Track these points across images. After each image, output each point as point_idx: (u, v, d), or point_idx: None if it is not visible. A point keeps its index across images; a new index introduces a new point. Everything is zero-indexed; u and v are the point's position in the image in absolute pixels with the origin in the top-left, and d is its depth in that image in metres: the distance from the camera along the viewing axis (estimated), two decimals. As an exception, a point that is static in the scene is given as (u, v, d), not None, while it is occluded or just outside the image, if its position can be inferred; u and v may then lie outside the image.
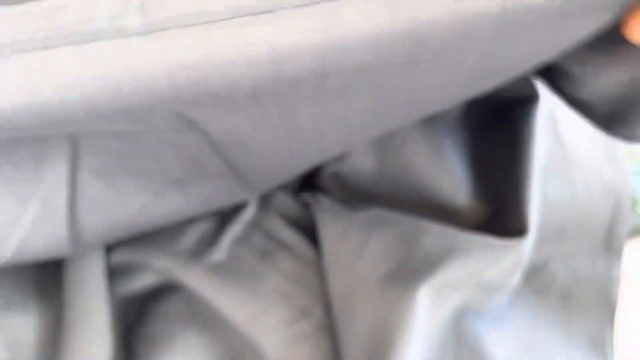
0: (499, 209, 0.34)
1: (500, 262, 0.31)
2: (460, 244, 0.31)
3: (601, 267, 0.35)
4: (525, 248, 0.32)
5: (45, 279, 0.32)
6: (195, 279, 0.32)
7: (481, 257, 0.31)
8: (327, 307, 0.31)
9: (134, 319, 0.32)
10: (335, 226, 0.32)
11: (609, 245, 0.36)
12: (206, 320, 0.31)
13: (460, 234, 0.31)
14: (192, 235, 0.34)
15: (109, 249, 0.32)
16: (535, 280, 0.35)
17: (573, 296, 0.35)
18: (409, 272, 0.30)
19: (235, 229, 0.34)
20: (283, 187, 0.35)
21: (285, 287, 0.32)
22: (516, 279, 0.33)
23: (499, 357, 0.31)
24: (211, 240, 0.34)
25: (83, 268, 0.31)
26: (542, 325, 0.34)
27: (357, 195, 0.34)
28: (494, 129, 0.37)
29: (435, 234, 0.31)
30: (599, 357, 0.33)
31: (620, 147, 0.38)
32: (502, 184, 0.35)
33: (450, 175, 0.35)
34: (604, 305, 0.34)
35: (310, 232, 0.33)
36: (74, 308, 0.30)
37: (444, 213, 0.34)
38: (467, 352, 0.30)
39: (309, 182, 0.36)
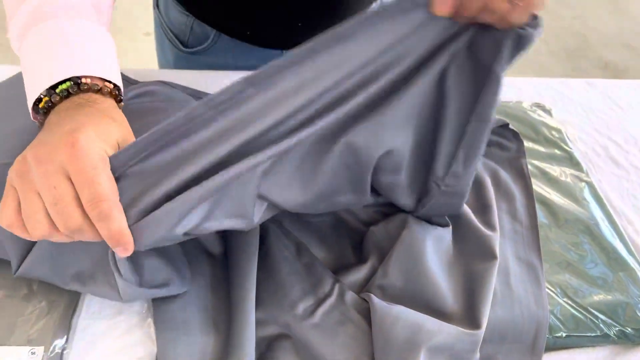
0: (467, 316, 0.61)
1: (466, 341, 0.58)
2: (448, 329, 0.58)
3: None
4: (479, 337, 0.58)
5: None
6: (304, 332, 0.58)
7: (457, 338, 0.58)
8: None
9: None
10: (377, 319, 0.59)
11: (534, 351, 0.61)
12: (308, 358, 0.57)
13: (449, 326, 0.58)
14: (301, 307, 0.61)
15: None
16: None
17: None
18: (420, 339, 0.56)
19: (324, 307, 0.61)
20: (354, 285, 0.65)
21: (350, 344, 0.58)
22: (476, 358, 0.58)
23: None
24: (312, 311, 0.60)
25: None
26: None
27: (392, 300, 0.61)
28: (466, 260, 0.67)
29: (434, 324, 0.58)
30: None
31: (544, 292, 0.66)
32: (471, 302, 0.62)
33: (442, 296, 0.62)
34: None
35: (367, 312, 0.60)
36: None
37: (437, 315, 0.60)
38: None
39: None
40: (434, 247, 0.65)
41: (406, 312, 0.59)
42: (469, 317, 0.60)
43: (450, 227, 0.69)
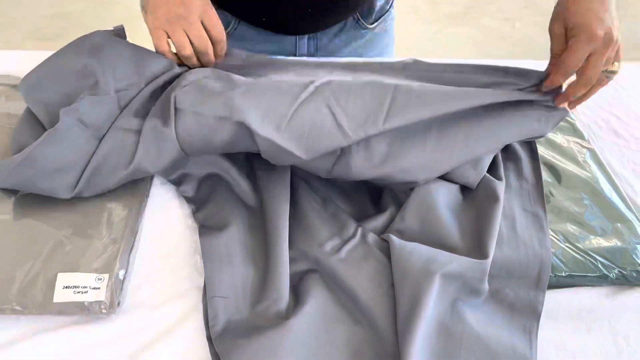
0: (475, 249, 0.69)
1: (476, 270, 0.65)
2: (459, 259, 0.65)
3: (532, 295, 0.67)
4: (487, 266, 0.66)
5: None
6: (331, 266, 0.67)
7: (467, 267, 0.65)
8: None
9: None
10: (396, 253, 0.67)
11: (538, 285, 0.68)
12: (335, 288, 0.66)
13: (459, 257, 0.66)
14: (329, 245, 0.69)
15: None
16: (496, 296, 0.67)
17: (516, 307, 0.66)
18: (434, 268, 0.64)
19: (349, 246, 0.69)
20: (374, 230, 0.72)
21: (373, 275, 0.66)
22: (485, 287, 0.66)
23: (473, 323, 0.63)
24: (338, 249, 0.69)
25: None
26: (498, 318, 0.65)
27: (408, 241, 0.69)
28: (478, 207, 0.75)
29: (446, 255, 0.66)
30: (527, 339, 0.64)
31: (547, 237, 0.73)
32: (478, 237, 0.70)
33: (454, 236, 0.71)
34: (532, 313, 0.66)
35: (387, 250, 0.68)
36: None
37: (450, 249, 0.68)
38: (455, 317, 0.63)
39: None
40: (444, 197, 0.73)
41: (421, 247, 0.67)
42: (477, 249, 0.68)
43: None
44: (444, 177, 0.76)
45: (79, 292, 0.60)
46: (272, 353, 0.57)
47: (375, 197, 0.79)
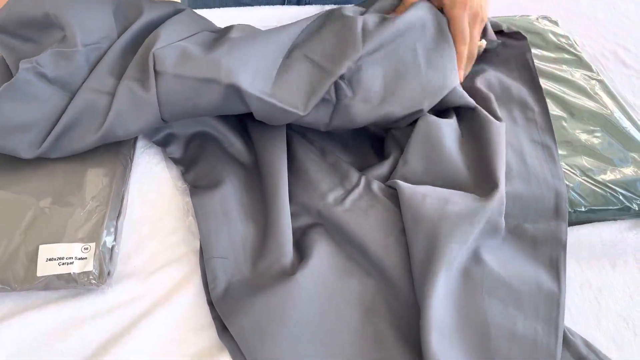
0: (486, 182, 0.64)
1: (493, 201, 0.60)
2: (473, 198, 0.61)
3: (553, 225, 0.63)
4: (502, 196, 0.61)
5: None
6: (336, 217, 0.62)
7: (482, 205, 0.60)
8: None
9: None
10: (406, 199, 0.61)
11: (557, 215, 0.63)
12: (341, 240, 0.61)
13: (473, 196, 0.61)
14: (331, 197, 0.64)
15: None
16: (516, 231, 0.63)
17: (538, 239, 0.62)
18: (449, 209, 0.59)
19: (353, 196, 0.64)
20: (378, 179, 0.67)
21: (381, 222, 0.61)
22: (503, 222, 0.61)
23: (494, 265, 0.58)
24: (342, 199, 0.64)
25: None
26: (520, 256, 0.60)
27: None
28: (478, 139, 0.69)
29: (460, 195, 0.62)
30: (554, 272, 0.59)
31: (559, 166, 0.69)
32: (486, 169, 0.65)
33: (461, 170, 0.66)
34: (556, 243, 0.61)
35: (394, 197, 0.64)
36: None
37: (460, 186, 0.64)
38: (474, 260, 0.58)
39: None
40: (446, 133, 0.68)
41: (432, 189, 0.62)
42: (487, 182, 0.63)
43: (454, 115, 0.73)
44: (446, 106, 0.72)
45: (64, 264, 0.55)
46: (279, 311, 0.52)
47: (377, 146, 0.74)
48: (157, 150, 0.72)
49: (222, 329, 0.54)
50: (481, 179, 0.64)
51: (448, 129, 0.69)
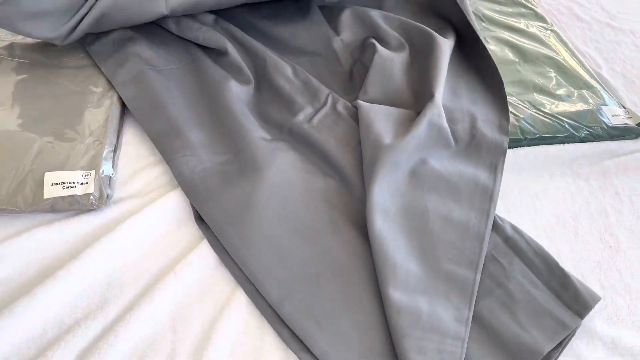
0: (425, 97, 0.73)
1: (428, 108, 0.70)
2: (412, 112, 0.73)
3: (497, 137, 0.71)
4: (436, 101, 0.71)
5: None
6: (305, 132, 0.70)
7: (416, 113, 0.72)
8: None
9: None
10: (363, 113, 0.70)
11: (500, 130, 0.72)
12: (306, 150, 0.70)
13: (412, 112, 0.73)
14: (302, 115, 0.73)
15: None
16: (461, 136, 0.72)
17: (482, 146, 0.71)
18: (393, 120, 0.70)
19: (320, 115, 0.73)
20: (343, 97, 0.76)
21: (343, 136, 0.70)
22: (445, 124, 0.70)
23: (439, 168, 0.68)
24: (310, 118, 0.73)
25: None
26: (463, 160, 0.70)
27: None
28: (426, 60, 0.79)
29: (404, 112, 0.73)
30: (492, 172, 0.68)
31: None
32: (427, 85, 0.74)
33: (407, 94, 0.77)
34: (498, 150, 0.70)
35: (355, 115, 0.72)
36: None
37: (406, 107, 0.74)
38: (423, 165, 0.68)
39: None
40: (398, 63, 0.79)
41: (384, 108, 0.72)
42: (426, 97, 0.73)
43: (407, 47, 0.82)
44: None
45: (67, 187, 0.62)
46: (246, 199, 0.62)
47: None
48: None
49: (200, 219, 0.63)
50: (421, 96, 0.74)
51: (399, 60, 0.79)
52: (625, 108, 0.79)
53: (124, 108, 0.75)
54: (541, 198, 0.69)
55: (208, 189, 0.64)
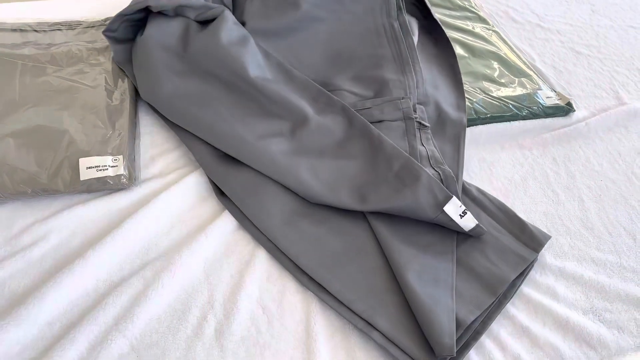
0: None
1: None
2: None
3: (457, 115, 0.87)
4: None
5: None
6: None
7: None
8: None
9: None
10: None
11: (459, 108, 0.88)
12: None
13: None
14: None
15: None
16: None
17: (447, 123, 0.86)
18: None
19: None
20: None
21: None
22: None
23: None
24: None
25: None
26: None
27: None
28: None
29: None
30: (455, 144, 0.83)
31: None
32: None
33: None
34: (460, 125, 0.86)
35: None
36: None
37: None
38: None
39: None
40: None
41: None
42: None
43: None
44: None
45: (100, 170, 0.72)
46: (262, 177, 0.74)
47: None
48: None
49: (221, 193, 0.74)
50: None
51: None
52: (556, 92, 0.96)
53: (136, 102, 0.85)
54: (496, 166, 0.84)
55: (226, 170, 0.75)
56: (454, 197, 0.70)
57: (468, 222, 0.70)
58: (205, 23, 0.88)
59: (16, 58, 0.85)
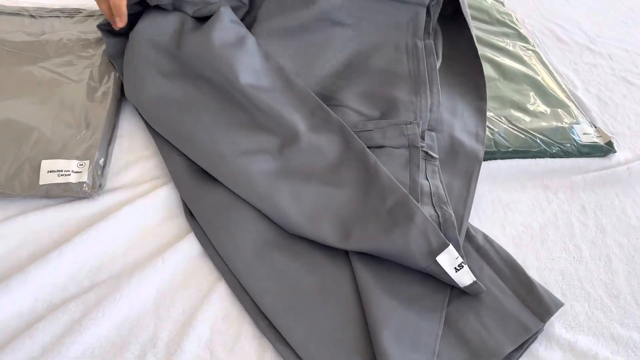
0: None
1: None
2: None
3: (475, 145, 0.76)
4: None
5: None
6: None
7: None
8: None
9: None
10: None
11: (477, 139, 0.77)
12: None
13: None
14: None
15: None
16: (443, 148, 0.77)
17: (459, 155, 0.75)
18: None
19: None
20: None
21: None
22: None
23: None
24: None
25: None
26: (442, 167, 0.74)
27: None
28: None
29: None
30: (467, 180, 0.72)
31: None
32: None
33: None
34: (475, 159, 0.75)
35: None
36: None
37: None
38: None
39: None
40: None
41: None
42: None
43: None
44: None
45: (62, 175, 0.66)
46: (234, 200, 0.66)
47: None
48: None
49: (190, 213, 0.66)
50: None
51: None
52: (596, 127, 0.84)
53: (120, 101, 0.79)
54: (512, 208, 0.73)
55: (199, 187, 0.67)
56: (450, 246, 0.60)
57: (464, 278, 0.59)
58: (203, 20, 0.80)
59: (4, 44, 0.81)
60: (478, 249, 0.66)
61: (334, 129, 0.73)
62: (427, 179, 0.70)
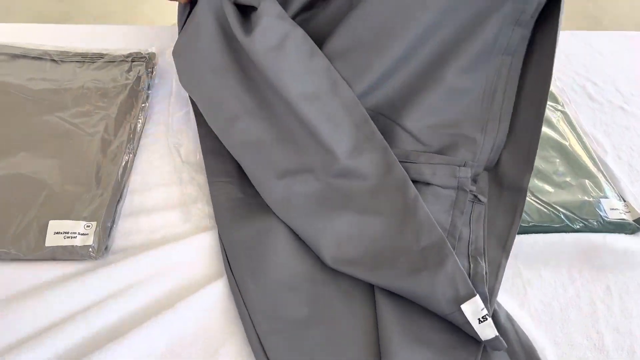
0: None
1: None
2: None
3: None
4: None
5: None
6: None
7: None
8: None
9: None
10: None
11: None
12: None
13: None
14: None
15: None
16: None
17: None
18: None
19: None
20: None
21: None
22: None
23: None
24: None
25: None
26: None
27: None
28: None
29: None
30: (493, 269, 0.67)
31: None
32: None
33: None
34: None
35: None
36: None
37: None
38: None
39: None
40: None
41: None
42: None
43: None
44: None
45: (68, 237, 0.65)
46: (266, 231, 0.66)
47: None
48: (159, 147, 0.82)
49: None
50: None
51: None
52: (625, 202, 0.79)
53: (135, 152, 0.78)
54: (532, 285, 0.70)
55: (234, 219, 0.67)
56: (477, 297, 0.58)
57: (487, 331, 0.57)
58: (245, 10, 0.77)
59: (24, 92, 0.81)
60: (499, 327, 0.63)
61: (376, 149, 0.70)
62: (470, 225, 0.68)
